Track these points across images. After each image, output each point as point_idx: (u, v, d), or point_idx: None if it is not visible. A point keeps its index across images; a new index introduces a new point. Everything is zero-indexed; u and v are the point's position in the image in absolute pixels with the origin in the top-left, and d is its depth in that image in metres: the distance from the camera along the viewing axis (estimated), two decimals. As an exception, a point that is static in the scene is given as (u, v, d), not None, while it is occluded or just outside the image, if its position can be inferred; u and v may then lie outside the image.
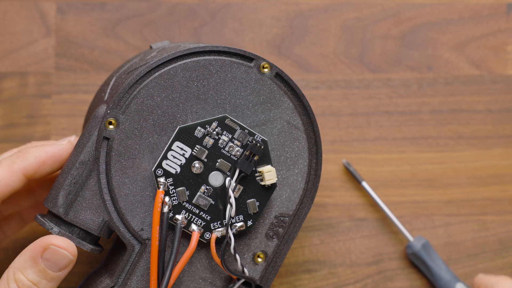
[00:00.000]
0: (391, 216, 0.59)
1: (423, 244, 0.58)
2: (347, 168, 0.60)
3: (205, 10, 0.62)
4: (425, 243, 0.58)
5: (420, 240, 0.58)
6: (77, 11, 0.62)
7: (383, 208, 0.60)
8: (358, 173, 0.60)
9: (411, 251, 0.58)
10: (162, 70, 0.47)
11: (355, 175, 0.60)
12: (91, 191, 0.47)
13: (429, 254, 0.58)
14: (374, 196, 0.60)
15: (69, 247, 0.46)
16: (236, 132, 0.47)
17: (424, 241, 0.58)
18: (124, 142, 0.47)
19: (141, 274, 0.47)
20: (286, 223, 0.48)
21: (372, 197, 0.60)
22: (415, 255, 0.59)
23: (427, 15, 0.62)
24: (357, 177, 0.60)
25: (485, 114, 0.62)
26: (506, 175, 0.61)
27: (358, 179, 0.60)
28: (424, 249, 0.58)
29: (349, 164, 0.60)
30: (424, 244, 0.58)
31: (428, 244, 0.58)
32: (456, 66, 0.62)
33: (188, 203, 0.47)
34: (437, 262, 0.58)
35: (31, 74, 0.61)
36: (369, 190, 0.60)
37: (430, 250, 0.58)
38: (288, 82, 0.48)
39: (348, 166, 0.60)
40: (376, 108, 0.61)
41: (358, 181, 0.60)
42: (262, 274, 0.48)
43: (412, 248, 0.58)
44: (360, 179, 0.60)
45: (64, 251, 0.46)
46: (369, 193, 0.60)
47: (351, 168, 0.60)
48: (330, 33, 0.62)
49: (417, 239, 0.59)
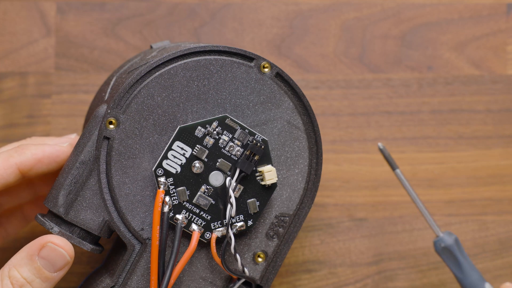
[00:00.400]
0: (422, 209, 0.56)
1: (455, 239, 0.56)
2: (383, 152, 0.56)
3: (205, 10, 0.62)
4: (457, 239, 0.56)
5: (451, 235, 0.56)
6: (77, 11, 0.62)
7: (415, 199, 0.56)
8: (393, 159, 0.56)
9: (444, 245, 0.55)
10: (163, 70, 0.47)
11: (389, 161, 0.56)
12: (92, 190, 0.47)
13: (460, 250, 0.56)
14: (407, 185, 0.56)
15: (67, 247, 0.46)
16: (237, 132, 0.47)
17: (454, 236, 0.56)
18: (125, 142, 0.47)
19: (142, 273, 0.47)
20: (287, 223, 0.48)
21: (405, 186, 0.56)
22: (446, 250, 0.56)
23: (427, 15, 0.62)
24: (392, 163, 0.56)
25: (485, 114, 0.62)
26: (506, 175, 0.61)
27: (392, 166, 0.56)
28: (456, 244, 0.56)
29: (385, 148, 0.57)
30: (456, 240, 0.56)
31: (458, 240, 0.56)
32: (456, 66, 0.62)
33: (188, 202, 0.47)
34: (467, 259, 0.56)
35: (31, 74, 0.61)
36: (402, 179, 0.56)
37: (461, 247, 0.56)
38: (288, 82, 0.48)
39: (384, 150, 0.56)
40: (376, 108, 0.61)
41: (393, 167, 0.56)
42: (262, 274, 0.48)
43: (444, 242, 0.55)
44: (395, 165, 0.56)
45: (61, 250, 0.46)
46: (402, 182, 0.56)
47: (386, 153, 0.56)
48: (330, 33, 0.62)
49: (447, 233, 0.56)
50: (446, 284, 0.60)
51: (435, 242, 0.56)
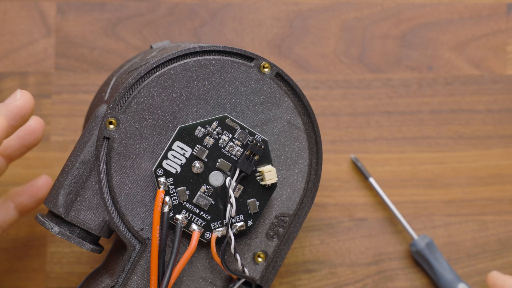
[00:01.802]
0: (397, 214, 0.59)
1: (427, 242, 0.58)
2: (355, 163, 0.60)
3: (205, 10, 0.62)
4: (429, 242, 0.58)
5: (424, 238, 0.58)
6: (77, 11, 0.62)
7: (389, 205, 0.60)
8: (365, 169, 0.60)
9: (415, 249, 0.58)
10: (163, 70, 0.47)
11: (362, 171, 0.60)
12: (92, 190, 0.47)
13: (433, 253, 0.58)
14: (380, 192, 0.60)
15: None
16: (237, 132, 0.47)
17: (428, 239, 0.58)
18: (125, 142, 0.47)
19: (142, 273, 0.47)
20: (287, 223, 0.48)
21: (379, 193, 0.60)
22: (418, 253, 0.59)
23: (427, 15, 0.62)
24: (365, 172, 0.59)
25: (485, 114, 0.62)
26: (506, 175, 0.61)
27: (365, 175, 0.59)
28: (428, 248, 0.58)
29: (357, 159, 0.60)
30: (428, 243, 0.58)
31: (432, 243, 0.59)
32: (456, 66, 0.62)
33: (188, 202, 0.47)
34: (441, 261, 0.58)
35: (31, 74, 0.61)
36: (376, 187, 0.60)
37: (434, 249, 0.58)
38: (288, 82, 0.48)
39: (356, 162, 0.60)
40: (376, 108, 0.61)
41: (366, 177, 0.59)
42: (262, 274, 0.48)
43: (416, 246, 0.58)
44: (367, 175, 0.59)
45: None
46: (376, 190, 0.60)
47: (359, 164, 0.60)
48: (330, 33, 0.62)
49: (421, 237, 0.59)
50: (446, 284, 0.60)
51: (410, 246, 0.59)
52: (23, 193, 0.55)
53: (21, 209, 0.55)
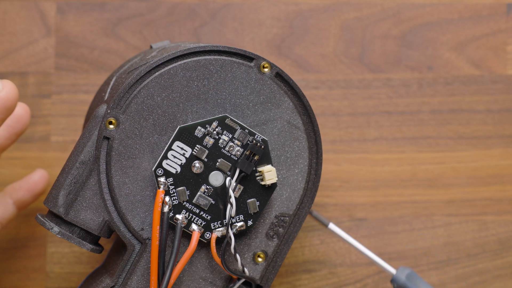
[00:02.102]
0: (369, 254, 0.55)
1: (407, 274, 0.54)
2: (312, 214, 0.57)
3: (205, 10, 0.62)
4: (409, 274, 0.54)
5: (403, 271, 0.54)
6: (77, 11, 0.62)
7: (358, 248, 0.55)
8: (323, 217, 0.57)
9: (396, 285, 0.55)
10: (162, 70, 0.47)
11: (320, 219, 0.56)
12: (92, 190, 0.47)
13: (416, 284, 0.54)
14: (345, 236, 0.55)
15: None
16: (236, 132, 0.47)
17: (408, 271, 0.55)
18: (125, 142, 0.47)
19: (142, 273, 0.47)
20: (287, 223, 0.48)
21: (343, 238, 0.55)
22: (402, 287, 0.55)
23: (427, 15, 0.62)
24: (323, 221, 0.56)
25: (485, 114, 0.62)
26: (506, 175, 0.61)
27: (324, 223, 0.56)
28: (409, 280, 0.54)
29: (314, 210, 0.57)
30: (409, 275, 0.54)
31: (413, 273, 0.55)
32: (456, 66, 0.62)
33: (188, 202, 0.47)
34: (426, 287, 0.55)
35: (31, 74, 0.61)
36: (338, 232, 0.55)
37: (416, 280, 0.55)
38: (288, 81, 0.48)
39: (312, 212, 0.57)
40: (376, 108, 0.61)
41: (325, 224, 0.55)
42: (262, 274, 0.48)
43: (397, 282, 0.54)
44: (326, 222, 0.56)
45: None
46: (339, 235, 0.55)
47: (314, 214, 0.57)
48: (330, 33, 0.62)
49: (400, 270, 0.55)
50: (446, 284, 0.60)
51: (391, 282, 0.55)
52: (20, 188, 0.55)
53: (20, 205, 0.55)
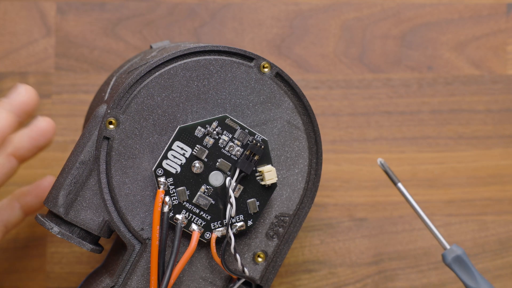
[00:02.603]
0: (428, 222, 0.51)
1: (455, 257, 0.50)
2: (383, 168, 0.52)
3: (205, 10, 0.62)
4: (457, 256, 0.50)
5: (453, 251, 0.50)
6: (77, 11, 0.62)
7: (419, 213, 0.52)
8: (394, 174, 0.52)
9: (455, 255, 0.50)
10: (162, 70, 0.47)
11: (390, 176, 0.52)
12: (92, 190, 0.47)
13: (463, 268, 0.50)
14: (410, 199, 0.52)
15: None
16: (236, 132, 0.47)
17: (457, 253, 0.50)
18: (125, 142, 0.47)
19: (141, 273, 0.47)
20: (287, 223, 0.48)
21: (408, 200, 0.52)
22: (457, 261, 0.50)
23: (427, 15, 0.62)
24: (393, 177, 0.52)
25: (485, 114, 0.62)
26: (506, 175, 0.61)
27: (394, 180, 0.52)
28: (456, 263, 0.50)
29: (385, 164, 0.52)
30: (457, 257, 0.50)
31: (462, 256, 0.50)
32: (456, 66, 0.62)
33: (188, 202, 0.47)
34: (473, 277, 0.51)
35: (31, 74, 0.61)
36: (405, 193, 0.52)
37: (464, 264, 0.50)
38: (288, 81, 0.48)
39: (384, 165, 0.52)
40: (376, 108, 0.61)
41: (394, 182, 0.52)
42: (262, 274, 0.48)
43: (455, 253, 0.50)
44: (396, 180, 0.52)
45: None
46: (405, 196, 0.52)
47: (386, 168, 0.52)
48: (330, 33, 0.62)
49: (450, 250, 0.50)
50: (446, 284, 0.60)
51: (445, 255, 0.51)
52: (29, 193, 0.55)
53: (26, 210, 0.55)
